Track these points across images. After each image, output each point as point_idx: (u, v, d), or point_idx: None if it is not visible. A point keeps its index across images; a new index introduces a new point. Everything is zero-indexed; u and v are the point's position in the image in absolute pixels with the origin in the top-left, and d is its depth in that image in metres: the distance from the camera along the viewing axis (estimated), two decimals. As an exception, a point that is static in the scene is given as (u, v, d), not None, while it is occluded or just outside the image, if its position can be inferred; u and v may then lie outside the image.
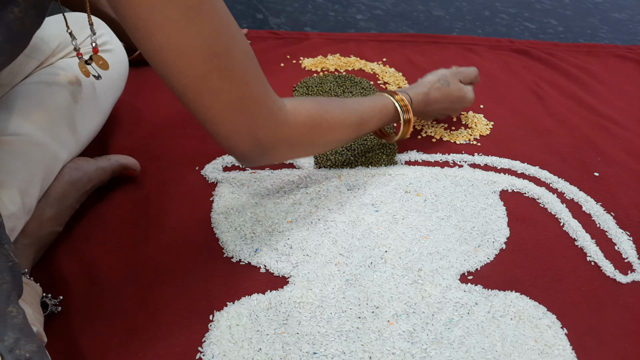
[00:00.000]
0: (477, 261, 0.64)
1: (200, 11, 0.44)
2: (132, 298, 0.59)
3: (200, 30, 0.45)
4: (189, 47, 0.45)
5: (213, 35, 0.46)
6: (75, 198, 0.65)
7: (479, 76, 0.85)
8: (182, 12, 0.44)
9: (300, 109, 0.58)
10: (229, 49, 0.48)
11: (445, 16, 1.29)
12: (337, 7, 1.30)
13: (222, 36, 0.47)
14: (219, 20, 0.47)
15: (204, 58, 0.46)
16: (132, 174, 0.72)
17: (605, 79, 1.03)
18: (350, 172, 0.76)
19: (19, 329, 0.39)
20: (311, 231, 0.67)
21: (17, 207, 0.55)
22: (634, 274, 0.65)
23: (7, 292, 0.40)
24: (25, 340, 0.39)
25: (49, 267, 0.62)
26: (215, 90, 0.49)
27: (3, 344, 0.38)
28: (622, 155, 0.83)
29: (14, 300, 0.40)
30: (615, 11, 1.37)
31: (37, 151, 0.60)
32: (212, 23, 0.46)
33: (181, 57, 0.46)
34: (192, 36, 0.45)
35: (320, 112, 0.61)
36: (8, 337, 0.38)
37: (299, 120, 0.58)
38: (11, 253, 0.42)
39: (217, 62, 0.47)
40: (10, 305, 0.40)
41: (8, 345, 0.38)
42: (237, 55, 0.49)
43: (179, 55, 0.46)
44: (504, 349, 0.55)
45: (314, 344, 0.55)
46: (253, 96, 0.51)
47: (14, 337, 0.38)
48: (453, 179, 0.76)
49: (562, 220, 0.71)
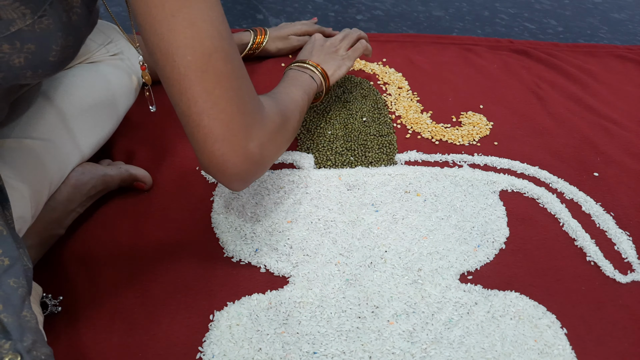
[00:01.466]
0: (476, 261, 0.65)
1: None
2: (132, 298, 0.59)
3: (210, 7, 0.45)
4: (200, 20, 0.44)
5: (219, 17, 0.46)
6: (80, 203, 0.65)
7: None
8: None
9: (269, 104, 0.56)
10: (229, 35, 0.47)
11: (445, 16, 1.29)
12: (337, 7, 1.30)
13: (224, 22, 0.47)
14: (221, 7, 0.47)
15: (213, 35, 0.45)
16: (142, 186, 0.71)
17: (605, 79, 1.03)
18: (350, 172, 0.76)
19: (35, 332, 0.40)
20: (311, 231, 0.67)
21: (26, 210, 0.55)
22: (633, 274, 0.65)
23: (23, 297, 0.41)
24: (40, 344, 0.40)
25: (49, 267, 0.62)
26: (220, 73, 0.46)
27: (22, 344, 0.38)
28: (621, 156, 0.83)
29: (27, 305, 0.41)
30: (615, 11, 1.37)
31: (51, 155, 0.60)
32: (218, 5, 0.46)
33: (192, 28, 0.44)
34: (203, 10, 0.44)
35: (280, 107, 0.58)
36: (27, 338, 0.39)
37: (275, 118, 0.55)
38: (25, 258, 0.43)
39: (222, 44, 0.46)
40: (24, 309, 0.40)
41: (27, 346, 0.39)
42: (234, 45, 0.48)
43: (190, 25, 0.44)
44: (503, 348, 0.55)
45: (314, 343, 0.55)
46: (247, 90, 0.49)
47: (31, 339, 0.39)
48: (453, 179, 0.76)
49: (561, 220, 0.71)
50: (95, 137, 0.68)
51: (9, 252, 0.41)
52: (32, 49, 0.43)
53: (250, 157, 0.49)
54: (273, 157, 0.55)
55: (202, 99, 0.46)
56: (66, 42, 0.46)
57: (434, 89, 0.96)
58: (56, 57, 0.46)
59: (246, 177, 0.52)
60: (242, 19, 1.22)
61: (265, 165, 0.54)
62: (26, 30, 0.42)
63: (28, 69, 0.45)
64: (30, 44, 0.43)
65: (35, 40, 0.43)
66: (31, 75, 0.46)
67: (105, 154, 0.75)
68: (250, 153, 0.49)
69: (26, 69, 0.44)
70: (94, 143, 0.68)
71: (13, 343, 0.38)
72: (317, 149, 0.80)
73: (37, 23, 0.42)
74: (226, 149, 0.48)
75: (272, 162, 0.56)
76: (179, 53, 0.44)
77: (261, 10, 1.26)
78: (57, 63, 0.47)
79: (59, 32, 0.44)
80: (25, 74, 0.45)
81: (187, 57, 0.44)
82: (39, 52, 0.44)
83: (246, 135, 0.48)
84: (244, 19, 1.22)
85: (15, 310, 0.39)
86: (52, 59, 0.46)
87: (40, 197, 0.58)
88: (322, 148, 0.80)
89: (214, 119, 0.46)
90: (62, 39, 0.45)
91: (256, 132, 0.49)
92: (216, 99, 0.46)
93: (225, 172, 0.50)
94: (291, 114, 0.60)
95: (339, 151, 0.80)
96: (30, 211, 0.56)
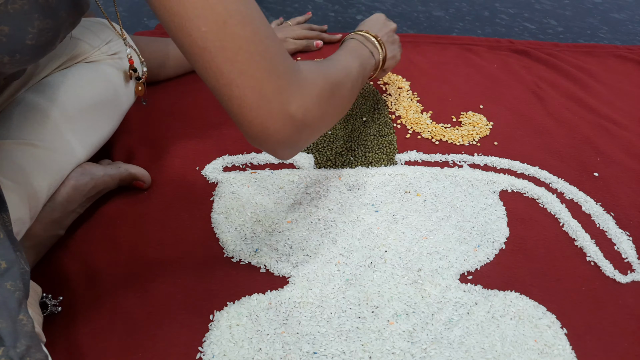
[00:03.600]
0: (476, 261, 0.65)
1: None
2: (132, 298, 0.59)
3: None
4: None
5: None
6: (80, 203, 0.65)
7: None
8: None
9: (310, 67, 0.51)
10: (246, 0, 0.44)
11: (445, 17, 1.29)
12: (337, 7, 1.30)
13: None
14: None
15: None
16: (141, 185, 0.71)
17: (605, 79, 1.03)
18: (350, 172, 0.76)
19: (30, 337, 0.39)
20: (311, 231, 0.67)
21: (24, 212, 0.55)
22: (633, 273, 0.65)
23: (19, 300, 0.40)
24: (35, 349, 0.39)
25: (49, 267, 0.62)
26: (239, 38, 0.43)
27: (15, 350, 0.38)
28: (621, 156, 0.83)
29: (24, 308, 0.40)
30: (615, 11, 1.37)
31: (49, 157, 0.60)
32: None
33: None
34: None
35: (325, 72, 0.54)
36: (20, 344, 0.38)
37: (318, 81, 0.50)
38: (22, 261, 0.42)
39: (238, 7, 0.43)
40: (21, 313, 0.40)
41: (20, 352, 0.38)
42: (254, 6, 0.45)
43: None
44: (503, 348, 0.55)
45: (314, 343, 0.55)
46: (276, 51, 0.45)
47: (25, 345, 0.39)
48: (453, 179, 0.76)
49: (561, 220, 0.71)
50: (94, 137, 0.68)
51: (6, 255, 0.41)
52: (5, 31, 0.42)
53: (291, 121, 0.46)
54: (320, 123, 0.51)
55: (226, 69, 0.43)
56: (43, 24, 0.44)
57: (434, 89, 0.96)
58: (34, 40, 0.44)
59: (293, 143, 0.49)
60: (242, 19, 1.22)
61: (312, 131, 0.50)
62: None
63: (4, 54, 0.43)
64: (4, 25, 0.41)
65: (9, 22, 0.42)
66: (9, 61, 0.44)
67: (105, 154, 0.75)
68: (291, 117, 0.46)
69: (2, 54, 0.43)
70: (93, 143, 0.67)
71: (6, 350, 0.37)
72: (317, 149, 0.80)
73: (10, 3, 0.41)
74: (264, 116, 0.45)
75: (322, 128, 0.53)
76: (192, 26, 0.42)
77: (261, 10, 1.26)
78: (35, 47, 0.45)
79: (35, 14, 0.43)
80: (2, 59, 0.43)
81: (201, 29, 0.42)
82: (14, 35, 0.42)
83: (282, 99, 0.45)
84: (244, 19, 1.22)
85: (11, 314, 0.39)
86: (29, 42, 0.44)
87: (39, 199, 0.58)
88: (322, 148, 0.80)
89: (244, 87, 0.44)
90: (38, 20, 0.43)
91: (294, 95, 0.46)
92: (241, 66, 0.43)
93: (268, 140, 0.47)
94: (340, 81, 0.55)
95: (339, 151, 0.80)
96: (29, 213, 0.56)
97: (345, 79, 0.57)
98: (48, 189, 0.59)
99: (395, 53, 0.79)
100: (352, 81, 0.59)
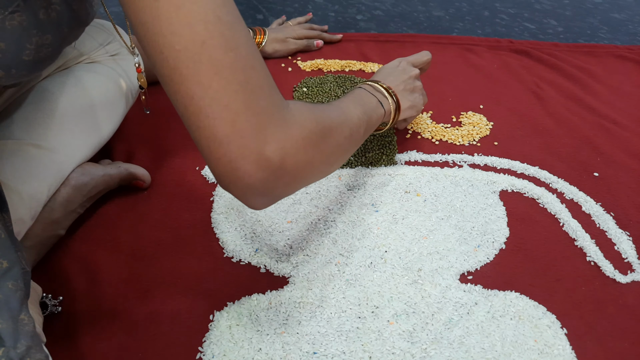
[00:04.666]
0: (476, 261, 0.64)
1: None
2: (132, 298, 0.59)
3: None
4: (189, 2, 0.37)
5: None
6: (80, 203, 0.65)
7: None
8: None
9: (301, 108, 0.46)
10: (233, 20, 0.40)
11: (445, 16, 1.29)
12: (337, 7, 1.30)
13: (227, 4, 0.39)
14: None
15: (206, 19, 0.38)
16: (141, 184, 0.71)
17: (605, 79, 1.03)
18: (350, 172, 0.76)
19: (30, 337, 0.39)
20: (311, 231, 0.67)
21: (25, 212, 0.55)
22: (633, 274, 0.65)
23: (20, 300, 0.40)
24: (36, 349, 0.39)
25: (49, 267, 0.62)
26: (217, 61, 0.38)
27: (15, 351, 0.38)
28: (621, 156, 0.83)
29: (25, 308, 0.40)
30: (615, 11, 1.37)
31: (49, 157, 0.60)
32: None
33: (178, 12, 0.37)
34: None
35: (318, 115, 0.48)
36: (21, 344, 0.38)
37: (307, 123, 0.44)
38: (23, 261, 0.42)
39: (221, 29, 0.38)
40: (22, 312, 0.40)
41: (20, 352, 0.38)
42: (242, 32, 0.40)
43: (176, 9, 0.37)
44: (503, 348, 0.55)
45: (314, 343, 0.55)
46: (260, 84, 0.40)
47: (26, 345, 0.38)
48: (453, 179, 0.76)
49: (561, 220, 0.71)
50: (95, 137, 0.68)
51: (7, 255, 0.41)
52: (1, 47, 0.41)
53: (266, 164, 0.40)
54: (305, 170, 0.44)
55: (198, 94, 0.38)
56: (42, 40, 0.43)
57: (434, 89, 0.96)
58: (31, 56, 0.43)
59: (266, 190, 0.42)
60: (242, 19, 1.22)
61: (293, 178, 0.43)
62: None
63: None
64: (0, 41, 0.41)
65: (5, 38, 0.41)
66: (4, 75, 0.43)
67: (105, 154, 0.75)
68: (267, 159, 0.40)
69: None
70: (93, 144, 0.67)
71: (6, 350, 0.37)
72: (317, 149, 0.80)
73: (7, 19, 0.40)
74: (234, 153, 0.39)
75: (308, 177, 0.47)
76: (165, 43, 0.37)
77: (261, 10, 1.26)
78: (32, 63, 0.44)
79: (34, 30, 0.42)
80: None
81: (174, 47, 0.37)
82: (10, 51, 0.41)
83: (259, 138, 0.39)
84: (244, 19, 1.22)
85: (12, 314, 0.39)
86: (26, 58, 0.43)
87: (39, 199, 0.58)
88: (322, 148, 0.80)
89: (215, 118, 0.38)
90: (37, 36, 0.42)
91: (273, 135, 0.40)
92: (215, 94, 0.38)
93: (237, 183, 0.40)
94: (336, 126, 0.50)
95: (339, 151, 0.79)
96: (29, 213, 0.56)
97: (342, 125, 0.52)
98: (48, 189, 0.59)
99: (416, 102, 0.75)
100: (350, 128, 0.54)
